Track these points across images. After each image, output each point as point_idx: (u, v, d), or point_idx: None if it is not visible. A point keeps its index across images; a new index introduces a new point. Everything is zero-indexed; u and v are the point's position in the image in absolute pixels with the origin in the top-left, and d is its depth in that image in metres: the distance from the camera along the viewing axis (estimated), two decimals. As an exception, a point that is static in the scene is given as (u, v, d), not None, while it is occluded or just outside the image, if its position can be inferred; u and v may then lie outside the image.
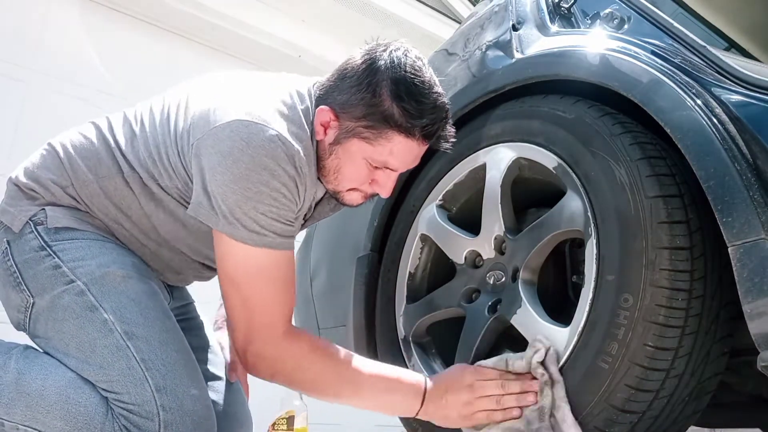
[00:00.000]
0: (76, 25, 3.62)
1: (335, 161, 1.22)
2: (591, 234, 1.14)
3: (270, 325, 1.17)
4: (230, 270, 1.17)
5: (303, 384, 1.22)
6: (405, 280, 1.52)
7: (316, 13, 4.37)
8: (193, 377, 1.17)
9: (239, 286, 1.16)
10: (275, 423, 1.54)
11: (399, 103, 1.14)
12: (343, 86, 1.20)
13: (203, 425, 1.14)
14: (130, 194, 1.24)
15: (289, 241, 1.19)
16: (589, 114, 1.21)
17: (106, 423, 1.09)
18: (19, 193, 1.25)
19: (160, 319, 1.18)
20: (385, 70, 1.16)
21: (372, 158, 1.19)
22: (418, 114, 1.15)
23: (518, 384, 1.17)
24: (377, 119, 1.15)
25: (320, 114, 1.21)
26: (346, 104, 1.18)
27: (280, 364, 1.19)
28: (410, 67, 1.16)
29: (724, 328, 1.07)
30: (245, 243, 1.14)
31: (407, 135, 1.16)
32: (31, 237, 1.20)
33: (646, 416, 1.06)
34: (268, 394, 1.58)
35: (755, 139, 1.00)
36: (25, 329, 1.22)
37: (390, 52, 1.17)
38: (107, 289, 1.16)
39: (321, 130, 1.21)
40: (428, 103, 1.16)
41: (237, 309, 1.18)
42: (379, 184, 1.24)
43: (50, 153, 1.27)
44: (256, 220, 1.13)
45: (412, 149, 1.19)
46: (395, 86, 1.14)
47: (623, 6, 1.44)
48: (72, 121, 1.39)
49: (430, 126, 1.17)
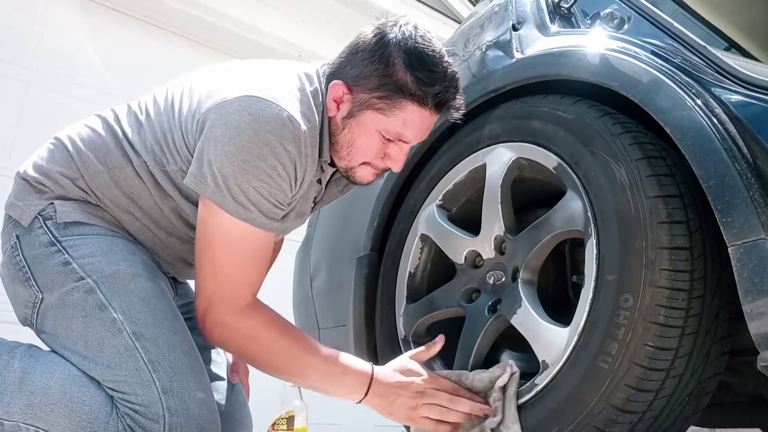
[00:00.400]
0: (76, 25, 3.63)
1: (348, 135, 1.24)
2: (591, 234, 1.14)
3: (233, 295, 1.18)
4: (208, 235, 1.18)
5: (252, 357, 1.22)
6: (405, 280, 1.53)
7: (316, 13, 4.37)
8: (200, 380, 1.17)
9: (213, 253, 1.18)
10: (275, 423, 1.54)
11: (412, 71, 1.17)
12: (355, 60, 1.22)
13: (208, 429, 1.14)
14: (140, 183, 1.25)
15: (272, 222, 1.19)
16: (589, 114, 1.21)
17: (110, 421, 1.09)
18: (27, 187, 1.25)
19: (168, 320, 1.19)
20: (396, 42, 1.19)
21: (386, 129, 1.21)
22: (430, 82, 1.18)
23: (468, 405, 1.20)
24: (391, 89, 1.18)
25: (333, 89, 1.23)
26: (359, 77, 1.21)
27: (234, 333, 1.19)
28: (420, 38, 1.20)
29: (724, 328, 1.07)
30: (229, 213, 1.15)
31: (420, 104, 1.19)
32: (41, 232, 1.20)
33: (646, 416, 1.06)
34: (269, 394, 1.58)
35: (755, 139, 0.99)
36: (32, 325, 1.22)
37: (400, 26, 1.21)
38: (117, 287, 1.16)
39: (333, 106, 1.24)
40: (440, 71, 1.19)
41: (206, 274, 1.19)
42: (392, 158, 1.25)
43: (58, 147, 1.28)
44: (245, 193, 1.14)
45: (425, 119, 1.22)
46: (407, 56, 1.18)
47: (623, 6, 1.44)
48: (72, 121, 1.39)
49: (442, 93, 1.20)
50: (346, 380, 1.22)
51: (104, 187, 1.24)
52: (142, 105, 1.30)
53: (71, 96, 3.52)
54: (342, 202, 1.88)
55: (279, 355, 1.20)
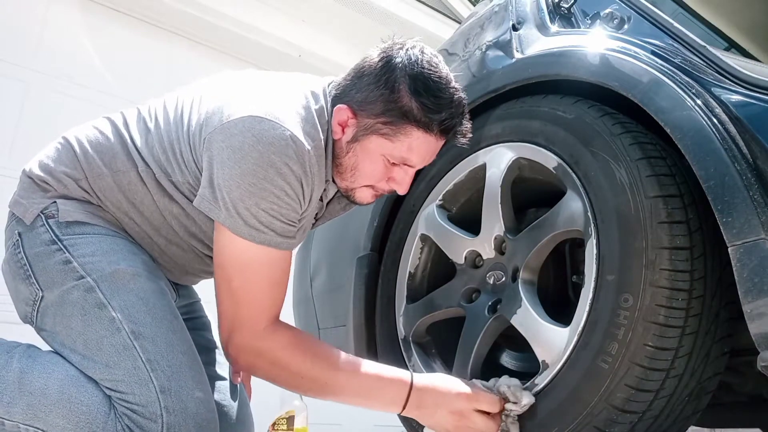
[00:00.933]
0: (76, 25, 3.63)
1: (353, 159, 1.23)
2: (591, 234, 1.14)
3: (254, 318, 1.18)
4: (224, 261, 1.18)
5: (281, 381, 1.21)
6: (405, 280, 1.53)
7: (316, 13, 4.37)
8: (198, 380, 1.17)
9: (230, 278, 1.17)
10: (275, 423, 1.54)
11: (417, 98, 1.16)
12: (361, 84, 1.22)
13: (206, 428, 1.14)
14: (144, 189, 1.25)
15: (288, 241, 1.19)
16: (589, 114, 1.21)
17: (108, 422, 1.09)
18: (32, 185, 1.26)
19: (167, 319, 1.19)
20: (402, 67, 1.18)
21: (391, 154, 1.21)
22: (436, 109, 1.17)
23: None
24: (396, 115, 1.18)
25: (338, 113, 1.22)
26: (365, 102, 1.20)
27: (257, 358, 1.19)
28: (427, 63, 1.18)
29: (724, 328, 1.07)
30: (243, 238, 1.14)
31: (426, 130, 1.18)
32: (43, 230, 1.20)
33: (646, 416, 1.06)
34: (269, 394, 1.58)
35: (755, 139, 0.99)
36: (32, 322, 1.22)
37: (406, 50, 1.20)
38: (117, 286, 1.16)
39: (339, 130, 1.23)
40: (446, 97, 1.18)
41: (225, 300, 1.19)
42: (396, 181, 1.25)
43: (65, 146, 1.28)
44: (256, 217, 1.14)
45: (430, 144, 1.21)
46: (413, 82, 1.17)
47: (623, 6, 1.44)
48: (72, 121, 1.39)
49: (448, 120, 1.19)
50: (381, 393, 1.20)
51: (107, 189, 1.25)
52: (152, 112, 1.30)
53: (71, 96, 3.52)
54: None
55: (304, 376, 1.18)
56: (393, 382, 1.20)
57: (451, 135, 1.23)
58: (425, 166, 1.29)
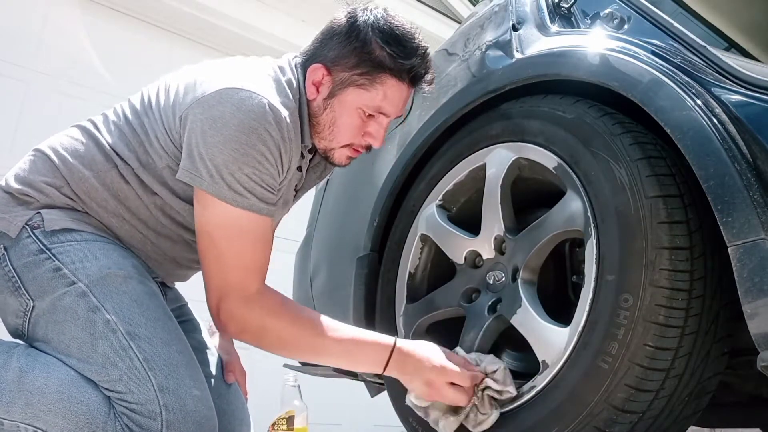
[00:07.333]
0: (76, 25, 3.63)
1: (330, 115, 1.30)
2: (591, 234, 1.14)
3: (241, 283, 1.20)
4: (209, 228, 1.20)
5: (267, 345, 1.24)
6: (405, 280, 1.53)
7: (316, 13, 4.37)
8: (196, 378, 1.18)
9: (216, 244, 1.20)
10: (275, 423, 1.54)
11: (389, 47, 1.26)
12: (332, 44, 1.29)
13: (205, 426, 1.15)
14: (127, 186, 1.26)
15: (269, 207, 1.23)
16: (589, 114, 1.21)
17: (108, 422, 1.10)
18: (11, 199, 1.25)
19: (161, 319, 1.19)
20: (371, 23, 1.28)
21: (367, 105, 1.28)
22: (405, 56, 1.27)
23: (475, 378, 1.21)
24: (370, 65, 1.26)
25: (312, 73, 1.29)
26: (338, 57, 1.28)
27: (246, 324, 1.21)
28: (392, 18, 1.30)
29: (724, 328, 1.07)
30: (227, 202, 1.18)
31: (398, 78, 1.28)
32: (29, 241, 1.20)
33: (646, 416, 1.06)
34: (268, 394, 1.58)
35: (755, 139, 0.99)
36: (23, 335, 1.21)
37: (371, 10, 1.30)
38: (109, 290, 1.17)
39: (313, 90, 1.30)
40: (413, 46, 1.28)
41: (212, 267, 1.21)
42: (372, 135, 1.32)
43: (40, 157, 1.29)
44: (239, 181, 1.17)
45: (402, 92, 1.30)
46: (382, 34, 1.27)
47: (623, 6, 1.44)
48: (72, 121, 1.39)
49: (417, 67, 1.29)
50: (363, 356, 1.24)
51: (91, 190, 1.25)
52: (119, 111, 1.33)
53: (71, 96, 3.52)
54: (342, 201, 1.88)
55: (290, 342, 1.22)
56: (375, 345, 1.24)
57: (419, 82, 1.32)
58: (426, 166, 1.30)
